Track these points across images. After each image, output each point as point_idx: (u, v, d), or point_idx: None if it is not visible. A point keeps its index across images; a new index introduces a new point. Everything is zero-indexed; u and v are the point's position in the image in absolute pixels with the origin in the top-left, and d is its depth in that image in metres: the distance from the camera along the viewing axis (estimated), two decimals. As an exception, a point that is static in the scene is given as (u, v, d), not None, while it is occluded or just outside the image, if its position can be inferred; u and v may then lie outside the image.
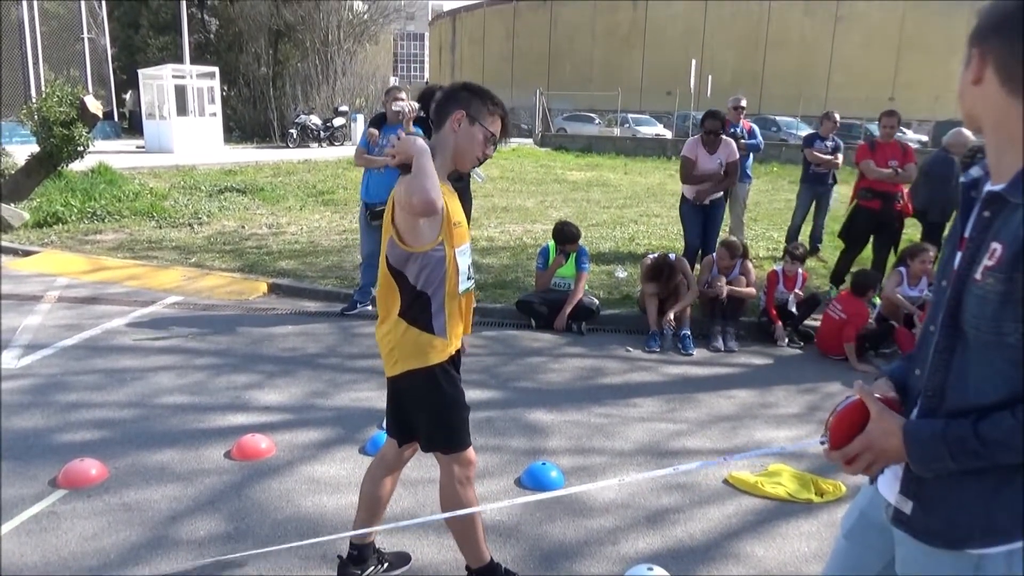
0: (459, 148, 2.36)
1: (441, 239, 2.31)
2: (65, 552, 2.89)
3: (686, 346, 5.71)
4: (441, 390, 2.43)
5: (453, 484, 2.49)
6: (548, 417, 4.35)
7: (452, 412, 2.47)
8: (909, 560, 1.43)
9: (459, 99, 2.35)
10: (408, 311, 2.36)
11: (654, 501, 3.45)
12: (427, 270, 2.32)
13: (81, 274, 7.30)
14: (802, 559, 3.03)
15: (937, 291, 1.41)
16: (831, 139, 8.47)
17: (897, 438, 1.33)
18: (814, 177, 8.56)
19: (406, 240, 2.29)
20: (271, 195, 12.30)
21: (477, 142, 2.37)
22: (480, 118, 2.34)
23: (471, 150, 2.37)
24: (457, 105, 2.34)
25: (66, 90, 10.48)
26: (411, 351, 2.39)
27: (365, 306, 6.34)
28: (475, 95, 2.37)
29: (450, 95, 2.38)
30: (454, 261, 2.36)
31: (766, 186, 15.84)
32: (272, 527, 3.11)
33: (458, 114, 2.33)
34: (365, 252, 6.19)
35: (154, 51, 26.99)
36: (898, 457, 1.35)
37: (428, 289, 2.34)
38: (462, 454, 2.50)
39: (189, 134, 20.20)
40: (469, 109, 2.34)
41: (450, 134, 2.35)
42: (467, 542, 2.59)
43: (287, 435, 3.98)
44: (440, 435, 2.49)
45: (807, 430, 4.36)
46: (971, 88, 1.31)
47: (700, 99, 30.34)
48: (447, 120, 2.35)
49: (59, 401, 4.32)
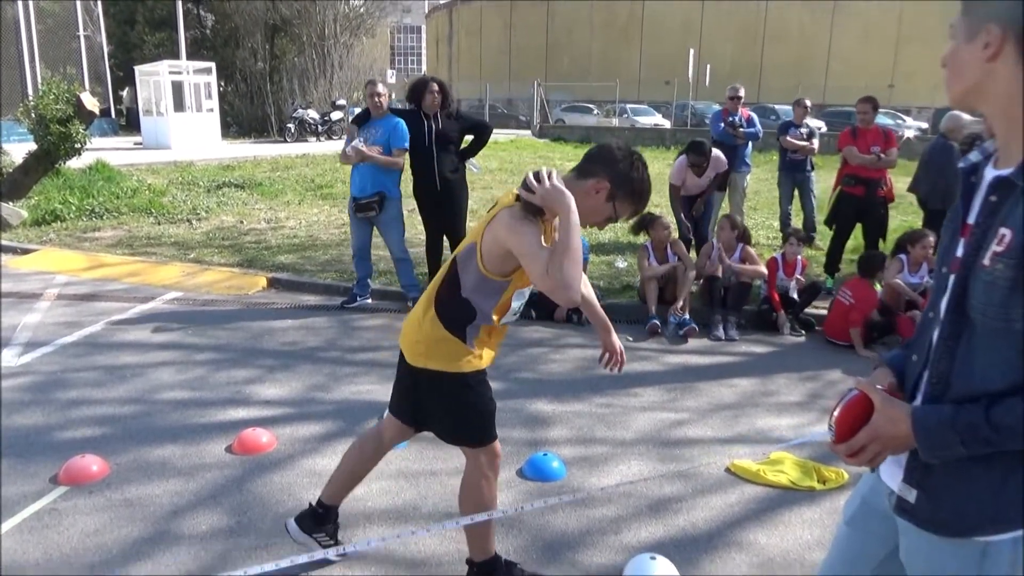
0: (584, 211, 2.20)
1: (512, 277, 2.28)
2: (67, 549, 2.89)
3: (683, 324, 5.73)
4: (472, 394, 2.43)
5: (479, 477, 2.50)
6: (549, 407, 4.35)
7: (482, 412, 2.47)
8: (913, 549, 1.42)
9: (618, 174, 2.22)
10: (446, 307, 2.34)
11: (656, 490, 3.44)
12: (483, 289, 2.30)
13: (80, 271, 7.29)
14: (805, 546, 3.03)
15: (938, 278, 1.39)
16: (804, 125, 8.52)
17: (905, 424, 1.30)
18: (791, 164, 8.62)
19: (484, 259, 2.25)
20: (269, 190, 12.27)
21: (601, 216, 2.29)
22: (618, 203, 2.25)
23: (591, 218, 2.29)
24: (609, 178, 2.22)
25: (63, 88, 10.45)
26: (443, 352, 2.37)
27: (365, 299, 6.33)
28: (632, 184, 2.23)
29: (618, 159, 2.24)
30: (509, 300, 2.35)
31: (765, 175, 15.77)
32: (274, 521, 3.10)
33: (604, 186, 2.22)
34: (356, 246, 6.18)
35: (150, 47, 26.93)
36: (906, 445, 1.33)
37: (474, 302, 2.32)
38: (490, 446, 2.50)
39: (186, 130, 20.17)
40: (617, 190, 2.23)
41: (585, 194, 2.22)
42: (479, 537, 2.59)
43: (288, 429, 3.97)
44: (467, 433, 2.50)
45: (809, 418, 4.35)
46: (979, 63, 1.24)
47: (699, 88, 30.28)
48: (592, 178, 2.23)
49: (59, 398, 4.32)
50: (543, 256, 2.09)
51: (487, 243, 2.23)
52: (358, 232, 6.13)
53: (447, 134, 5.99)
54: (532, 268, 2.10)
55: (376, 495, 3.32)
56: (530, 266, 2.11)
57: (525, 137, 26.46)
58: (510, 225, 2.15)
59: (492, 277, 2.26)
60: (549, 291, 2.06)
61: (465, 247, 2.32)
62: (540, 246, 2.11)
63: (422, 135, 5.92)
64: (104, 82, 24.71)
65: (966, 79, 1.28)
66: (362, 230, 6.11)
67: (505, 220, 2.17)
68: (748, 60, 40.53)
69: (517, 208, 2.18)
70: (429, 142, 5.93)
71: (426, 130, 5.92)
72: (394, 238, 6.11)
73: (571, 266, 2.05)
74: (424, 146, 5.93)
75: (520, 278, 2.27)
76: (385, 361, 5.06)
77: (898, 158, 7.08)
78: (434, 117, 5.94)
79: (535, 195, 2.12)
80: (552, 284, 2.05)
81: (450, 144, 6.04)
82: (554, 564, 2.86)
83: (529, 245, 2.11)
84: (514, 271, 2.24)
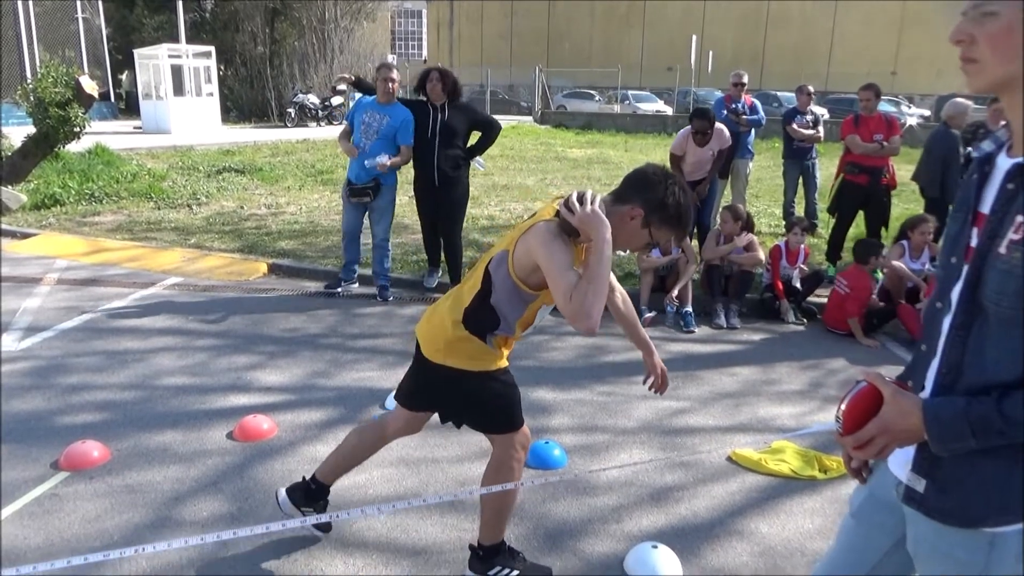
0: (621, 236, 2.19)
1: (540, 293, 2.27)
2: (68, 534, 2.89)
3: (688, 323, 5.69)
4: (497, 384, 2.44)
5: (510, 460, 2.51)
6: (551, 395, 4.34)
7: (508, 399, 2.48)
8: (921, 538, 1.41)
9: (653, 200, 2.17)
10: (473, 312, 2.34)
11: (658, 479, 3.44)
12: (511, 299, 2.29)
13: (80, 256, 7.27)
14: (806, 535, 3.03)
15: (946, 267, 1.37)
16: (809, 112, 8.48)
17: (915, 417, 1.28)
18: (798, 151, 8.60)
19: (516, 267, 2.23)
20: (270, 175, 12.22)
21: (639, 242, 2.25)
22: (654, 229, 2.21)
23: (630, 243, 2.26)
24: (643, 203, 2.18)
25: (61, 71, 10.37)
26: (463, 351, 2.38)
27: (351, 283, 6.30)
28: (667, 209, 2.18)
29: (653, 184, 2.18)
30: (534, 314, 2.36)
31: (767, 162, 15.73)
32: (275, 508, 3.09)
33: (638, 212, 2.18)
34: (346, 229, 6.12)
35: (149, 31, 26.76)
36: (915, 437, 1.31)
37: (499, 311, 2.31)
38: (522, 429, 2.52)
39: (186, 114, 20.07)
40: (651, 216, 2.18)
41: (622, 220, 2.19)
42: (495, 520, 2.59)
43: (289, 415, 3.97)
44: (496, 423, 2.51)
45: (811, 407, 4.35)
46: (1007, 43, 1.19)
47: (701, 75, 30.13)
48: (627, 204, 2.19)
49: (60, 383, 4.31)
50: (569, 279, 2.06)
51: (519, 252, 2.21)
52: (351, 216, 6.06)
53: (452, 127, 5.81)
54: (556, 288, 2.08)
55: (378, 482, 3.32)
56: (555, 286, 2.09)
57: (526, 123, 26.34)
58: (543, 240, 2.12)
59: (522, 287, 2.25)
60: (569, 317, 2.04)
61: (497, 253, 2.30)
62: (568, 267, 2.09)
63: (426, 127, 5.77)
64: (103, 65, 24.59)
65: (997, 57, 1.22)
66: (355, 214, 6.04)
67: (540, 234, 2.14)
68: (750, 46, 40.32)
69: (554, 225, 2.15)
70: (432, 134, 5.77)
71: (431, 122, 5.77)
72: (383, 225, 6.03)
73: (595, 297, 2.02)
74: (427, 138, 5.78)
75: (548, 294, 2.24)
76: (387, 348, 5.05)
77: (901, 146, 7.05)
78: (441, 108, 5.78)
79: (573, 216, 2.09)
80: (573, 311, 2.02)
81: (454, 138, 5.86)
82: (556, 553, 2.86)
83: (557, 264, 2.09)
84: (543, 285, 2.22)
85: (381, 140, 5.73)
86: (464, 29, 54.55)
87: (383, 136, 5.72)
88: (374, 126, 5.74)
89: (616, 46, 43.55)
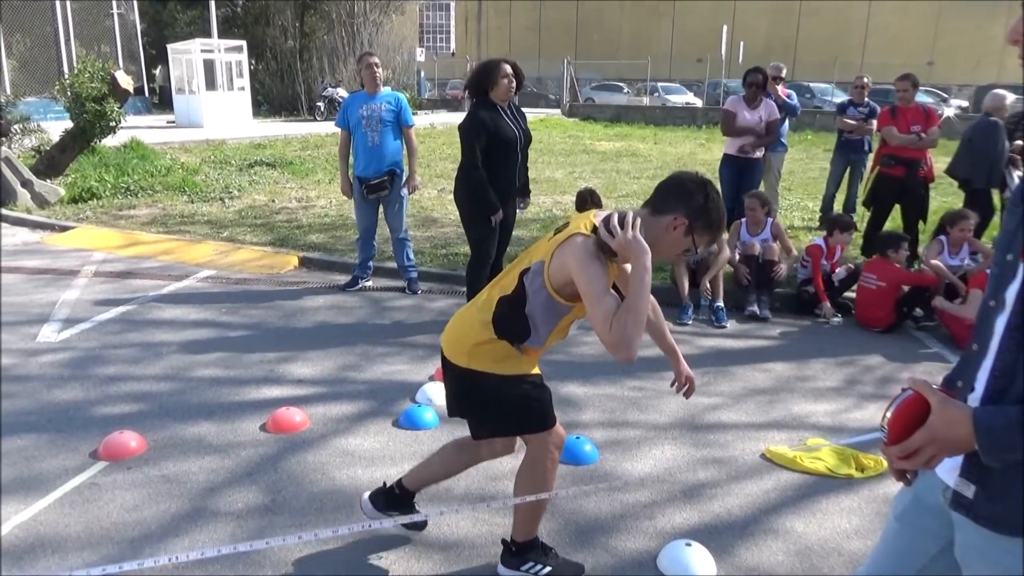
0: (662, 245, 2.20)
1: (576, 305, 2.25)
2: (107, 523, 2.94)
3: (719, 318, 5.63)
4: (527, 388, 2.43)
5: (544, 460, 2.50)
6: (581, 390, 4.32)
7: (539, 403, 2.47)
8: (969, 545, 1.37)
9: (694, 207, 2.16)
10: (504, 320, 2.32)
11: (691, 476, 3.40)
12: (546, 310, 2.28)
13: (116, 249, 7.39)
14: (843, 535, 2.98)
15: (1000, 264, 1.32)
16: (866, 104, 8.29)
17: (965, 427, 1.22)
18: (847, 144, 8.42)
19: (552, 279, 2.21)
20: (300, 169, 12.33)
21: (679, 249, 2.24)
22: (697, 235, 2.19)
23: (670, 251, 2.26)
24: (686, 213, 2.16)
25: (97, 66, 10.54)
26: (491, 355, 2.36)
27: (366, 281, 6.30)
28: (709, 215, 2.18)
29: (692, 192, 2.18)
30: (567, 327, 2.37)
31: (800, 155, 15.51)
32: (308, 499, 3.13)
33: (682, 221, 2.16)
34: (364, 227, 6.07)
35: (182, 25, 27.10)
36: (964, 447, 1.25)
37: (533, 321, 2.30)
38: (555, 428, 2.50)
39: (218, 108, 20.30)
40: (695, 223, 2.17)
41: (664, 230, 2.18)
42: (530, 517, 2.59)
43: (321, 408, 4.00)
44: (529, 425, 2.49)
45: (846, 404, 4.27)
46: None
47: (731, 66, 29.72)
48: (669, 213, 2.17)
49: (98, 374, 4.39)
50: (607, 303, 2.04)
51: (555, 266, 2.19)
52: (365, 213, 6.00)
53: (527, 130, 5.01)
54: (594, 313, 2.07)
55: (409, 476, 3.33)
56: (592, 310, 2.08)
57: (555, 116, 26.26)
58: (580, 260, 2.10)
59: (558, 299, 2.24)
60: (609, 346, 2.03)
61: (532, 264, 2.28)
62: (606, 292, 2.07)
63: (508, 131, 4.79)
64: (137, 60, 24.94)
65: None
66: (370, 211, 6.00)
67: (577, 251, 2.12)
68: (782, 34, 39.75)
69: (592, 243, 2.13)
70: (515, 140, 4.83)
71: (509, 125, 4.81)
72: (400, 216, 5.99)
73: (634, 326, 2.01)
74: (511, 145, 4.82)
75: (582, 308, 2.23)
76: (417, 342, 5.06)
77: (939, 138, 6.89)
78: (510, 109, 4.88)
79: (614, 240, 2.07)
80: (613, 340, 2.01)
81: (527, 145, 5.07)
82: (587, 549, 2.84)
83: (596, 290, 2.07)
84: (577, 297, 2.20)
85: (387, 126, 5.71)
86: (492, 21, 54.46)
87: (387, 122, 5.70)
88: (375, 116, 5.69)
89: (646, 37, 43.16)
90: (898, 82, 6.90)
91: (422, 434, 3.73)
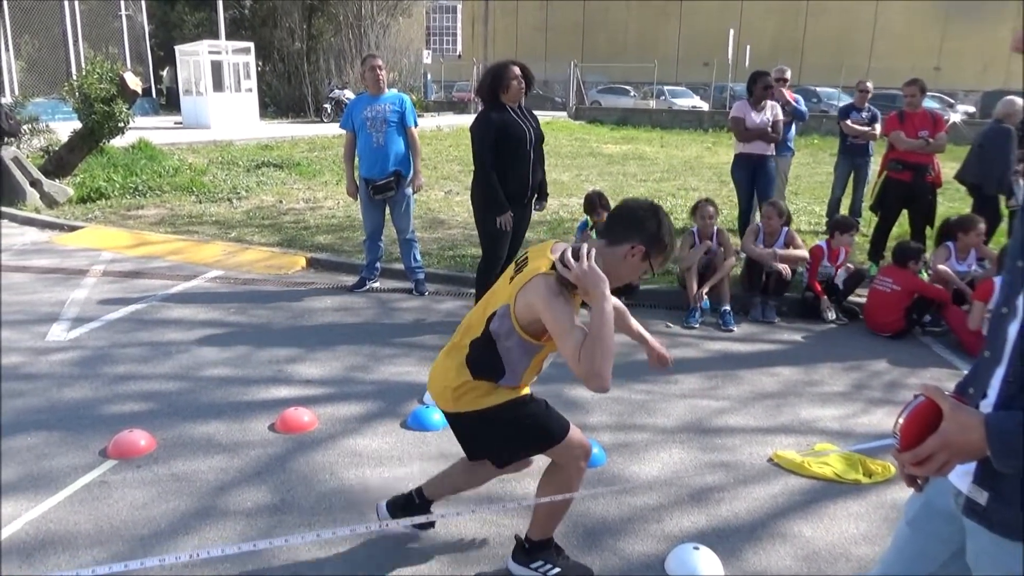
0: (621, 272, 2.30)
1: (544, 343, 2.31)
2: (117, 521, 2.95)
3: (727, 322, 5.62)
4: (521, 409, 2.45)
5: (570, 468, 2.51)
6: (588, 393, 4.32)
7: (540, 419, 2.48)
8: (981, 552, 1.37)
9: (648, 234, 2.26)
10: (478, 362, 2.38)
11: (698, 479, 3.41)
12: (518, 350, 2.33)
13: (125, 249, 7.43)
14: (851, 540, 2.98)
15: (1012, 271, 1.33)
16: (867, 109, 8.31)
17: (977, 433, 1.22)
18: (851, 148, 8.44)
19: (519, 321, 2.27)
20: (307, 170, 12.36)
21: (637, 274, 2.33)
22: (653, 259, 2.29)
23: (629, 277, 2.35)
24: (642, 240, 2.26)
25: (106, 67, 10.60)
26: (474, 394, 2.41)
27: (373, 282, 6.32)
28: (660, 239, 2.27)
29: (644, 219, 2.27)
30: (541, 363, 2.43)
31: (807, 159, 15.49)
32: (317, 499, 3.14)
33: (639, 249, 2.26)
34: (371, 228, 6.08)
35: (190, 27, 27.19)
36: (977, 454, 1.25)
37: (508, 360, 2.36)
38: (571, 434, 2.50)
39: (225, 110, 20.36)
40: (651, 249, 2.27)
41: (621, 259, 2.28)
42: (549, 518, 2.60)
43: (329, 408, 4.01)
44: (539, 443, 2.51)
45: (854, 409, 4.27)
46: None
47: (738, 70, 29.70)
48: (625, 243, 2.27)
49: (107, 373, 4.41)
50: (576, 337, 2.11)
51: (520, 306, 2.25)
52: (372, 215, 6.02)
53: (540, 131, 5.05)
54: (564, 347, 2.15)
55: (418, 477, 3.33)
56: (562, 345, 2.15)
57: (561, 119, 26.28)
58: (544, 298, 2.17)
59: (528, 339, 2.29)
60: (580, 376, 2.10)
61: (498, 308, 2.32)
62: (572, 325, 2.14)
63: (521, 133, 4.85)
64: (145, 61, 25.01)
65: None
66: (376, 213, 6.02)
67: (540, 291, 2.18)
68: (789, 37, 39.68)
69: (552, 280, 2.19)
70: (529, 142, 4.89)
71: (523, 127, 4.86)
72: (407, 217, 6.01)
73: (603, 358, 2.07)
74: (525, 147, 4.89)
75: (553, 344, 2.28)
76: (424, 344, 5.08)
77: (946, 143, 6.89)
78: (521, 111, 4.90)
79: (570, 272, 2.13)
80: (583, 371, 2.08)
81: (541, 145, 5.13)
82: (595, 551, 2.85)
83: (562, 326, 2.14)
84: (547, 336, 2.26)
85: (392, 127, 5.74)
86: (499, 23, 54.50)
87: (391, 123, 5.73)
88: (380, 117, 5.72)
89: (652, 39, 43.12)
90: (906, 87, 6.91)
91: (430, 435, 3.74)
